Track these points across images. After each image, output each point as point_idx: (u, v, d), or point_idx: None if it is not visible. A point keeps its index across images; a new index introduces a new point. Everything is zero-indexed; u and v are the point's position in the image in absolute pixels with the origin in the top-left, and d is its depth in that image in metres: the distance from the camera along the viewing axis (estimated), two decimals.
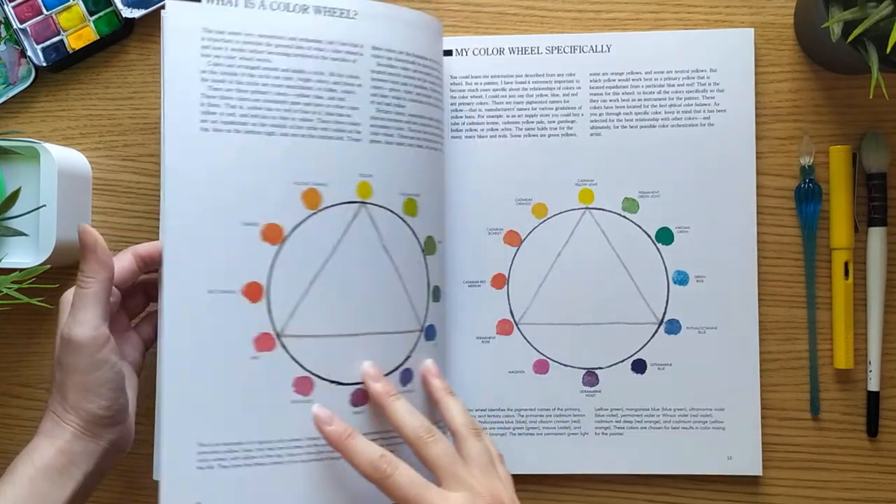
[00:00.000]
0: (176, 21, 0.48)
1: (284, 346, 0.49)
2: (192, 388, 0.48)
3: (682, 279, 0.56)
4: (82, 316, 0.45)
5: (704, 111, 0.56)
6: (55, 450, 0.45)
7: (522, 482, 0.57)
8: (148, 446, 0.57)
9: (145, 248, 0.49)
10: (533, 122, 0.57)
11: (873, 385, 0.55)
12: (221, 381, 0.48)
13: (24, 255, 0.54)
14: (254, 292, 0.49)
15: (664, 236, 0.56)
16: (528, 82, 0.57)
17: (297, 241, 0.49)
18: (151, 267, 0.49)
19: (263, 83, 0.49)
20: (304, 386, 0.50)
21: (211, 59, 0.48)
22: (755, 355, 0.56)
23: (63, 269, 0.53)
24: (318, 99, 0.50)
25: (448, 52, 0.56)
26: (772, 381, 0.56)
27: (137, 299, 0.52)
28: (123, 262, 0.48)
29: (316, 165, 0.50)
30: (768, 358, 0.56)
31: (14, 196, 0.52)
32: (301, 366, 0.49)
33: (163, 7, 0.51)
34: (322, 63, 0.50)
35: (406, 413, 0.48)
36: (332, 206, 0.50)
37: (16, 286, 0.49)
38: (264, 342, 0.49)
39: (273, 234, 0.49)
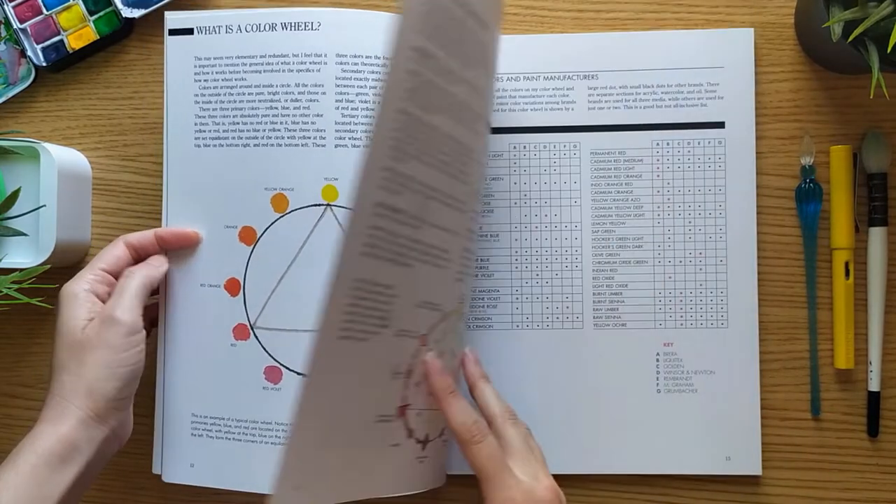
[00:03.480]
0: (175, 52, 0.54)
1: (257, 337, 0.54)
2: (186, 366, 0.54)
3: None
4: (126, 302, 0.49)
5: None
6: (58, 436, 0.46)
7: None
8: (148, 446, 0.57)
9: (136, 237, 0.53)
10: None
11: (874, 385, 0.55)
12: (209, 362, 0.54)
13: (24, 255, 0.54)
14: (233, 287, 0.54)
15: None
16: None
17: (267, 242, 0.54)
18: (143, 256, 0.53)
19: (239, 100, 0.54)
20: (273, 375, 0.54)
21: (201, 83, 0.54)
22: (755, 356, 0.56)
23: (63, 269, 0.53)
24: (284, 109, 0.53)
25: (187, 31, 0.55)
26: (772, 381, 0.56)
27: None
28: (117, 251, 0.52)
29: (283, 171, 0.53)
30: (769, 358, 0.56)
31: (14, 196, 0.52)
32: (271, 356, 0.54)
33: (163, 6, 0.57)
34: (288, 75, 0.53)
35: (494, 395, 0.51)
36: (298, 209, 0.53)
37: (16, 286, 0.49)
38: (241, 332, 0.54)
39: (248, 236, 0.54)
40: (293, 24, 0.53)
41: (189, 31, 0.54)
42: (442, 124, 0.45)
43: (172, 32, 0.54)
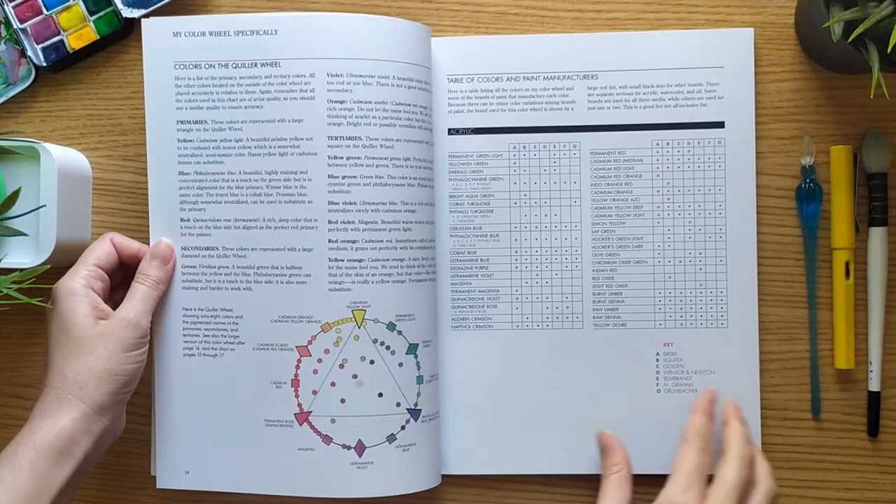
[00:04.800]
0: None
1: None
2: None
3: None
4: (142, 305, 0.52)
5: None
6: (58, 429, 0.47)
7: (522, 482, 0.57)
8: (148, 447, 0.57)
9: (120, 239, 0.54)
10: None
11: (874, 385, 0.55)
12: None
13: (24, 255, 0.54)
14: None
15: None
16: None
17: None
18: (126, 258, 0.54)
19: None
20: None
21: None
22: (755, 356, 0.56)
23: (63, 269, 0.53)
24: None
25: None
26: (772, 381, 0.56)
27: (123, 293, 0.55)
28: (106, 246, 0.53)
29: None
30: (769, 358, 0.56)
31: (14, 196, 0.52)
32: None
33: (163, 6, 0.58)
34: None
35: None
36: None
37: (16, 286, 0.49)
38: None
39: None
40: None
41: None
42: (238, 166, 0.53)
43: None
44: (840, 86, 0.57)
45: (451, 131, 0.57)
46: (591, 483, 0.57)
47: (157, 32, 0.54)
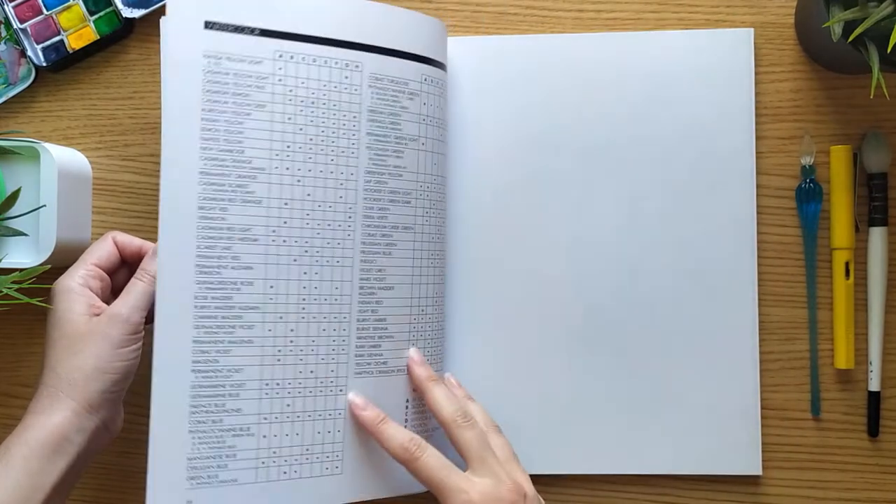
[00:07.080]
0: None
1: None
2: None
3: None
4: (135, 301, 0.50)
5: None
6: (50, 427, 0.47)
7: None
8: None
9: (125, 237, 0.54)
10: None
11: (874, 385, 0.55)
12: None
13: (24, 255, 0.54)
14: None
15: None
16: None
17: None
18: (128, 256, 0.54)
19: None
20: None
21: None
22: (755, 355, 0.56)
23: (64, 269, 0.53)
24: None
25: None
26: (772, 381, 0.56)
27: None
28: (107, 246, 0.53)
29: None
30: (768, 358, 0.56)
31: (14, 196, 0.52)
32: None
33: (163, 6, 0.56)
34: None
35: (443, 397, 0.51)
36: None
37: (16, 286, 0.49)
38: None
39: None
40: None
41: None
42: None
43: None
44: (840, 86, 0.57)
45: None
46: (591, 483, 0.57)
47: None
